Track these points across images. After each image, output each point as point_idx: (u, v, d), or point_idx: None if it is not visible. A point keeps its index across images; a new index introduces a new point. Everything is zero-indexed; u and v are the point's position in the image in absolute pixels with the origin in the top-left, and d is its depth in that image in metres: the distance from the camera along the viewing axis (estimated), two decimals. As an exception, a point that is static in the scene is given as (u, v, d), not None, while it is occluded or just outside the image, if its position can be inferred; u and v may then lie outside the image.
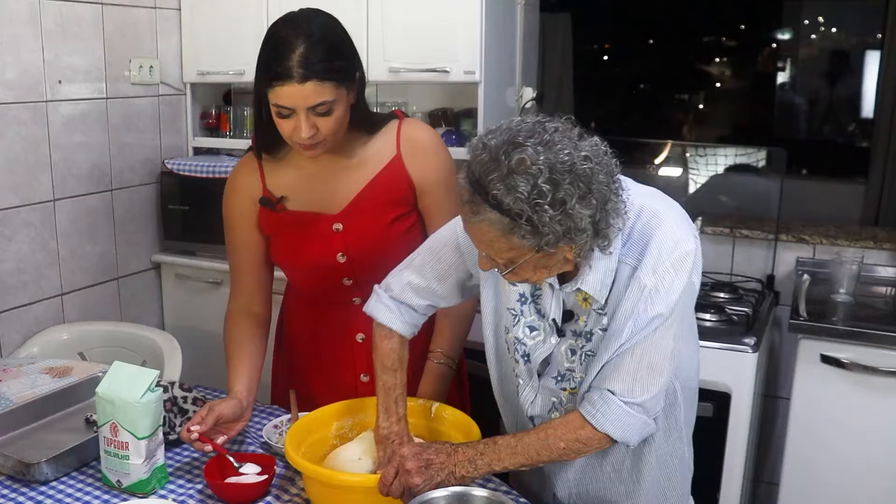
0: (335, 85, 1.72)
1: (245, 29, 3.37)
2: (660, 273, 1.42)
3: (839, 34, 6.79)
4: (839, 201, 5.10)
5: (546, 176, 1.28)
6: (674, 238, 1.43)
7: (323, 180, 1.92)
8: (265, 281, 2.04)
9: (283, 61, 1.68)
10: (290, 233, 1.95)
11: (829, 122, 6.75)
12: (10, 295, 2.97)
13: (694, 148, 3.81)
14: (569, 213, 1.30)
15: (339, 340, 2.01)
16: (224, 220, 2.02)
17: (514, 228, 1.31)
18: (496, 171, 1.30)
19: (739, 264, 3.21)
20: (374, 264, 1.89)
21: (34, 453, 1.74)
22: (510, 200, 1.29)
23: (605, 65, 7.75)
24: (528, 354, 1.60)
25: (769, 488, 3.19)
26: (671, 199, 1.53)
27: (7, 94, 2.89)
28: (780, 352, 3.16)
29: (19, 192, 2.97)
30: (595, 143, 1.36)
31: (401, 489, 1.47)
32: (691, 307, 1.55)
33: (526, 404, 1.64)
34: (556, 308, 1.55)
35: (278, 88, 1.70)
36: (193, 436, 1.70)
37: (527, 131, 1.33)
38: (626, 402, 1.47)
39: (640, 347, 1.45)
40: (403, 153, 1.92)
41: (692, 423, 1.72)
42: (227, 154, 3.64)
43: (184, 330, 3.40)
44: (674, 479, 1.67)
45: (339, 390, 1.94)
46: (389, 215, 1.92)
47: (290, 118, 1.74)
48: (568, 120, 1.38)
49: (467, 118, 3.32)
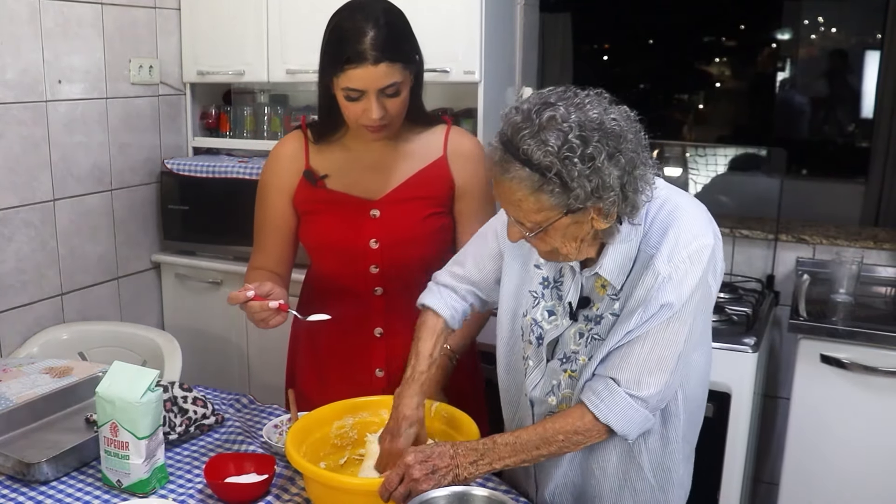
0: (403, 66, 1.80)
1: (245, 29, 3.38)
2: (675, 262, 1.43)
3: (839, 34, 6.80)
4: (839, 201, 5.10)
5: (576, 133, 1.32)
6: (693, 230, 1.45)
7: (367, 165, 1.98)
8: (288, 257, 2.08)
9: (356, 45, 1.75)
10: (326, 212, 1.98)
11: (828, 122, 6.75)
12: (10, 295, 2.97)
13: (694, 148, 3.82)
14: (597, 169, 1.33)
15: (357, 333, 2.02)
16: (259, 190, 2.07)
17: (544, 185, 1.34)
18: (528, 129, 1.34)
19: (739, 264, 3.21)
20: (404, 255, 1.96)
21: (34, 453, 1.74)
22: (540, 154, 1.32)
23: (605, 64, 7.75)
24: (542, 337, 1.62)
25: (769, 488, 3.19)
26: (698, 200, 1.55)
27: (7, 94, 2.89)
28: (780, 352, 3.16)
29: (19, 192, 2.97)
30: (625, 111, 1.40)
31: (405, 494, 1.47)
32: (707, 313, 1.56)
33: (530, 386, 1.64)
34: (573, 292, 1.57)
35: (351, 71, 1.76)
36: (250, 293, 1.75)
37: (558, 95, 1.38)
38: (632, 394, 1.47)
39: (651, 339, 1.46)
40: (450, 156, 1.99)
41: (692, 443, 1.70)
42: (227, 154, 3.64)
43: (184, 330, 3.40)
44: (668, 493, 1.66)
45: (354, 384, 1.95)
46: (426, 211, 1.97)
47: (359, 101, 1.81)
48: (599, 92, 1.42)
49: (467, 118, 3.31)
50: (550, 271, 1.62)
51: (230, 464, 1.70)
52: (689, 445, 1.68)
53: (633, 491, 1.63)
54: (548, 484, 1.68)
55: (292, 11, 3.27)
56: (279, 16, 3.29)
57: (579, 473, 1.65)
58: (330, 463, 1.75)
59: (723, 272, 1.53)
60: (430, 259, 1.96)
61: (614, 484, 1.63)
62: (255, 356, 3.39)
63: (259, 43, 3.37)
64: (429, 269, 1.83)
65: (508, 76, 3.35)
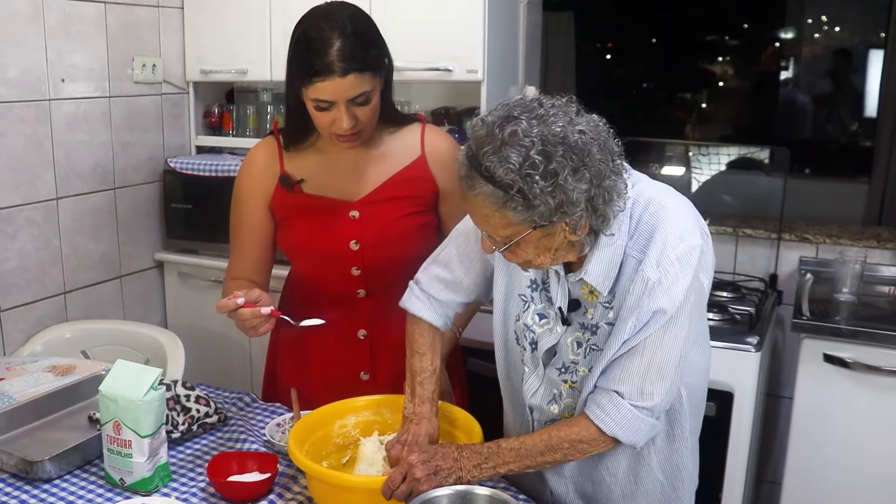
0: (372, 74, 1.77)
1: (248, 27, 3.38)
2: (664, 266, 1.41)
3: (842, 33, 6.79)
4: (842, 200, 5.10)
5: (538, 148, 1.30)
6: (679, 231, 1.43)
7: (344, 168, 1.95)
8: (267, 262, 2.06)
9: (322, 57, 1.71)
10: (304, 216, 1.96)
11: (832, 122, 6.74)
12: (13, 293, 2.98)
13: (697, 147, 3.82)
14: (560, 185, 1.31)
15: (340, 336, 2.01)
16: (233, 198, 2.04)
17: (507, 201, 1.32)
18: (490, 145, 1.32)
19: (742, 263, 3.21)
20: (386, 255, 1.94)
21: (37, 451, 1.74)
22: (502, 172, 1.30)
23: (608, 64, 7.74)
24: (535, 342, 1.61)
25: (772, 487, 3.19)
26: (683, 197, 1.53)
27: (10, 93, 2.89)
28: (783, 351, 3.16)
29: (22, 191, 2.97)
30: (592, 120, 1.38)
31: (407, 493, 1.47)
32: (702, 310, 1.54)
33: (528, 393, 1.64)
34: (561, 296, 1.55)
35: (319, 84, 1.73)
36: (240, 300, 1.74)
37: (522, 107, 1.36)
38: (636, 405, 1.46)
39: (650, 347, 1.45)
40: (429, 158, 1.97)
41: (697, 433, 1.71)
42: (230, 152, 3.64)
43: (186, 328, 3.40)
44: (678, 489, 1.66)
45: (337, 387, 1.93)
46: (406, 210, 1.95)
47: (328, 111, 1.78)
48: (569, 99, 1.39)
49: (470, 117, 3.31)
50: (537, 274, 1.60)
51: (233, 462, 1.70)
52: (693, 437, 1.68)
53: (644, 492, 1.63)
54: (559, 489, 1.68)
55: (295, 10, 3.26)
56: (282, 14, 3.29)
57: (589, 479, 1.65)
58: (332, 462, 1.75)
59: (714, 265, 1.50)
60: (412, 258, 1.95)
61: (626, 488, 1.63)
62: (258, 355, 3.39)
63: (262, 42, 3.37)
64: (412, 268, 1.82)
65: (511, 75, 3.34)
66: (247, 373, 3.44)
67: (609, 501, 1.65)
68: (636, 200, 1.45)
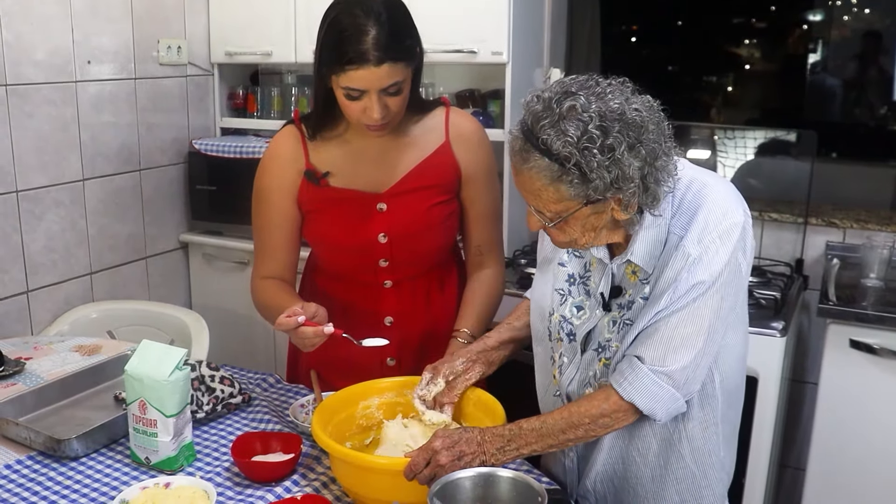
0: (405, 64, 1.75)
1: (272, 9, 3.38)
2: (705, 243, 1.42)
3: (872, 15, 6.68)
4: (870, 185, 5.02)
5: (596, 122, 1.31)
6: (722, 209, 1.43)
7: (370, 158, 1.93)
8: (296, 258, 2.04)
9: (356, 45, 1.68)
10: (331, 210, 1.94)
11: (860, 105, 6.65)
12: (40, 273, 3.01)
13: (723, 130, 3.78)
14: (617, 160, 1.32)
15: (367, 323, 1.99)
16: (257, 193, 1.99)
17: (563, 175, 1.34)
18: (548, 118, 1.33)
19: (768, 248, 3.18)
20: (414, 247, 1.93)
21: (64, 430, 1.76)
22: (560, 145, 1.32)
23: (634, 46, 7.67)
24: (573, 333, 1.61)
25: (795, 473, 3.17)
26: (724, 178, 1.54)
27: (37, 75, 2.91)
28: (809, 336, 3.13)
29: (49, 172, 2.99)
30: (648, 100, 1.39)
31: (430, 478, 1.47)
32: (740, 293, 1.53)
33: (566, 382, 1.63)
34: (605, 283, 1.56)
35: (352, 72, 1.70)
36: (301, 318, 1.71)
37: (580, 84, 1.37)
38: (654, 370, 1.46)
39: (677, 316, 1.44)
40: (453, 141, 1.95)
41: (734, 424, 1.67)
42: (255, 134, 3.66)
43: (210, 309, 3.43)
44: (710, 478, 1.63)
45: (364, 374, 1.92)
46: (433, 199, 1.93)
47: (359, 100, 1.75)
48: (624, 80, 1.41)
49: (495, 99, 3.30)
50: (576, 268, 1.61)
51: (257, 442, 1.72)
52: (729, 426, 1.65)
53: (675, 479, 1.62)
54: (588, 472, 1.67)
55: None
56: (306, -4, 3.29)
57: (620, 461, 1.64)
58: (355, 443, 1.75)
59: (753, 250, 1.50)
60: (438, 248, 1.94)
61: (655, 471, 1.61)
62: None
63: (286, 24, 3.37)
64: (437, 257, 1.80)
65: (536, 57, 3.32)
66: (271, 354, 3.46)
67: (639, 483, 1.64)
68: (679, 179, 1.46)
